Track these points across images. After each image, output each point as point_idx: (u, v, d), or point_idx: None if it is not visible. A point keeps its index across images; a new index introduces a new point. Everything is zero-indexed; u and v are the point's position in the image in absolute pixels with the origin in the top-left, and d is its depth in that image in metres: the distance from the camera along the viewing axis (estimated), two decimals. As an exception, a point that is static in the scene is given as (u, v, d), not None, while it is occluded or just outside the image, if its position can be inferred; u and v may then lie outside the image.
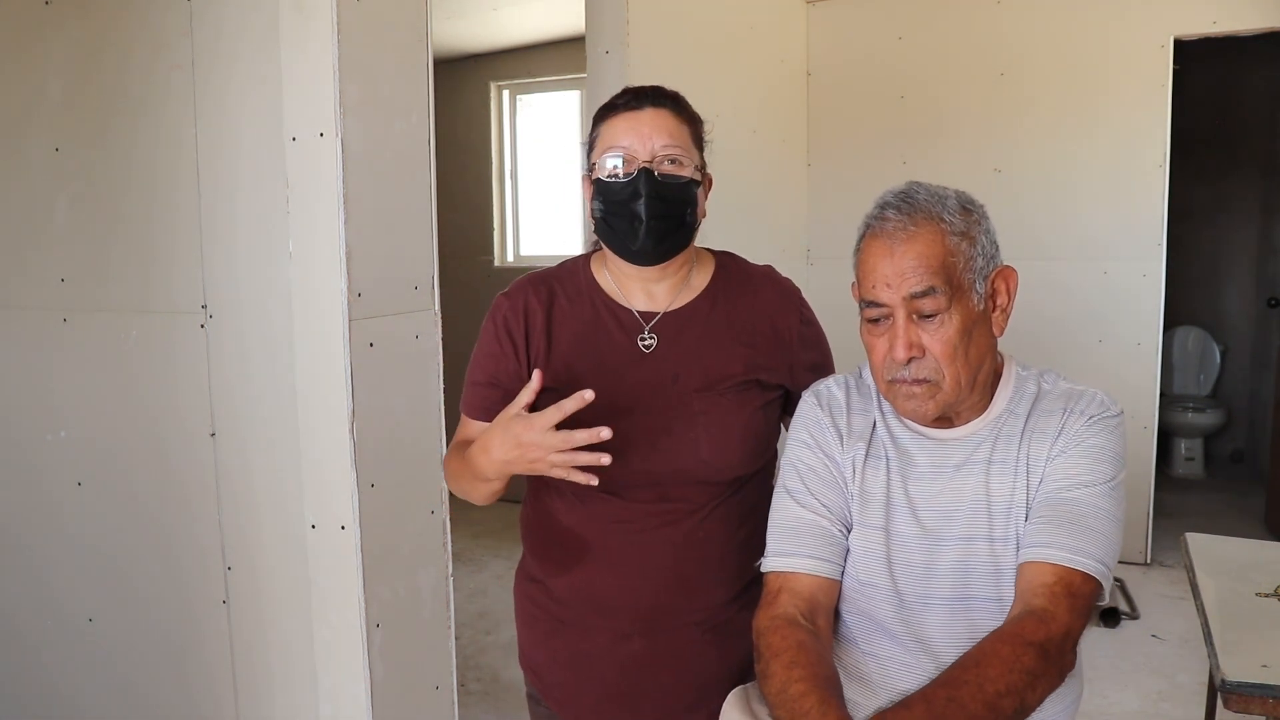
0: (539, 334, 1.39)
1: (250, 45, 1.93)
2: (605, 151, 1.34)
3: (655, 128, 1.32)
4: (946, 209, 1.19)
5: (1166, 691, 3.08)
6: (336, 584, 1.85)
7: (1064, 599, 1.11)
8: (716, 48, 3.68)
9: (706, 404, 1.36)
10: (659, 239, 1.32)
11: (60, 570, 2.31)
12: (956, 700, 1.03)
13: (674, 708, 1.40)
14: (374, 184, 1.83)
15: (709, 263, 1.46)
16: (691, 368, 1.37)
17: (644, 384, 1.36)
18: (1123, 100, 4.04)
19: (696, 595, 1.38)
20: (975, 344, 1.19)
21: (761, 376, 1.40)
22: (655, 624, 1.37)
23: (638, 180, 1.31)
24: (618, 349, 1.38)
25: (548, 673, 1.46)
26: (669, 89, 1.39)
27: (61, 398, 2.27)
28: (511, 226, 5.39)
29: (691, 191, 1.34)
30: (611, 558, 1.37)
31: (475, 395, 1.43)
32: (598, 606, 1.38)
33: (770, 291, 1.46)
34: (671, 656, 1.38)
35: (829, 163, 4.55)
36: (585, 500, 1.37)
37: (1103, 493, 1.17)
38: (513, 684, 3.22)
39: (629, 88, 1.39)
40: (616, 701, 1.40)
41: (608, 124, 1.36)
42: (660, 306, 1.41)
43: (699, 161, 1.37)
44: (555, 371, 1.37)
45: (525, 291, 1.42)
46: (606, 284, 1.42)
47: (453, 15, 4.40)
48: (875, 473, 1.26)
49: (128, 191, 2.13)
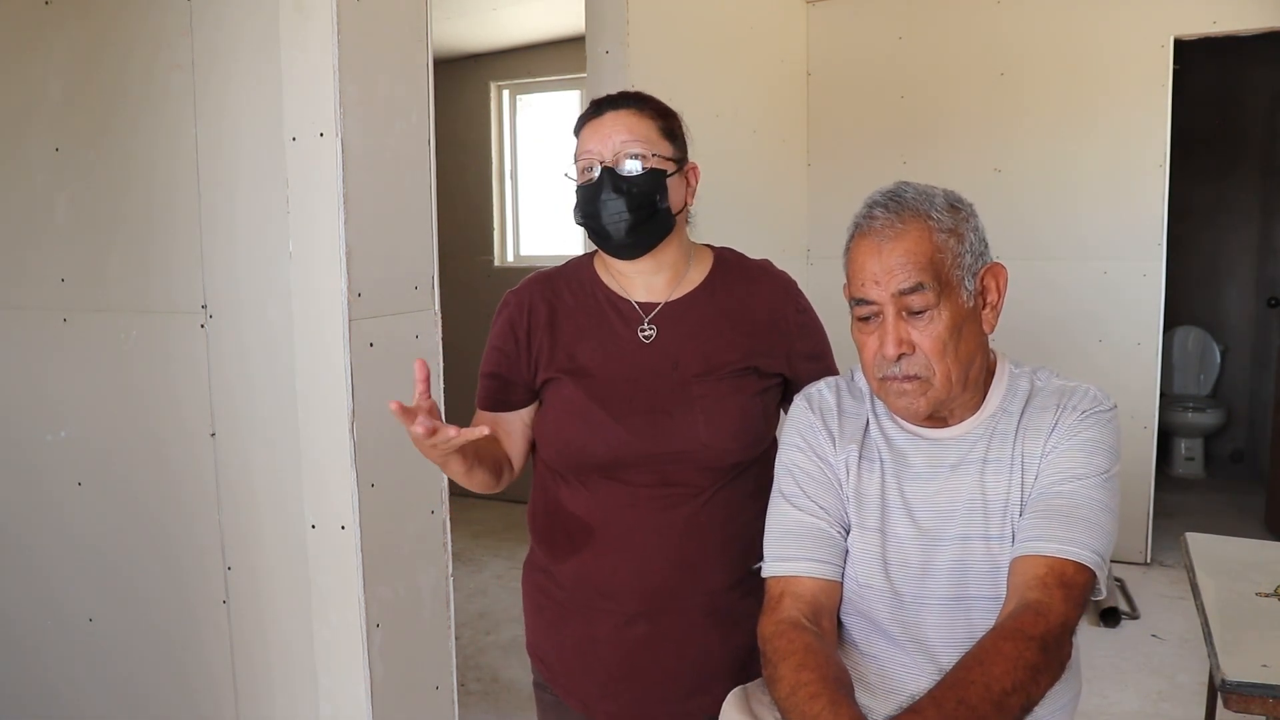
0: (542, 329, 1.46)
1: (250, 45, 1.93)
2: (578, 161, 1.44)
3: (615, 129, 1.40)
4: (934, 207, 1.20)
5: (1166, 691, 3.08)
6: (336, 584, 1.86)
7: (1058, 589, 1.11)
8: (716, 48, 3.68)
9: (705, 389, 1.41)
10: (631, 229, 1.39)
11: (60, 570, 2.31)
12: (965, 702, 1.03)
13: (678, 692, 1.43)
14: (374, 184, 1.83)
15: (707, 257, 1.52)
16: (690, 355, 1.43)
17: (645, 371, 1.42)
18: (1122, 100, 4.04)
19: (699, 579, 1.42)
20: (965, 340, 1.20)
21: (759, 364, 1.45)
22: (658, 608, 1.41)
23: (602, 180, 1.39)
24: (619, 339, 1.44)
25: (554, 660, 1.50)
26: (634, 91, 1.47)
27: (61, 398, 2.27)
28: (511, 226, 5.39)
29: (657, 180, 1.40)
30: (614, 542, 1.41)
31: (481, 387, 1.50)
32: (601, 590, 1.42)
33: (767, 283, 1.51)
34: (675, 642, 1.42)
35: (829, 163, 4.55)
36: (588, 485, 1.42)
37: (1096, 484, 1.17)
38: (513, 684, 3.22)
39: (594, 99, 1.47)
40: (621, 686, 1.44)
41: (579, 136, 1.45)
42: (660, 298, 1.47)
43: (670, 152, 1.43)
44: (559, 361, 1.44)
45: (531, 289, 1.49)
46: (608, 279, 1.49)
47: (453, 15, 4.40)
48: (870, 474, 1.26)
49: (128, 191, 2.13)
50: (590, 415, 1.39)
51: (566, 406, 1.42)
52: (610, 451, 1.39)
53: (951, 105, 4.32)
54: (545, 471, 1.49)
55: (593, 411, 1.39)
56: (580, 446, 1.40)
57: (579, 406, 1.40)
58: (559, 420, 1.43)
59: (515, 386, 1.47)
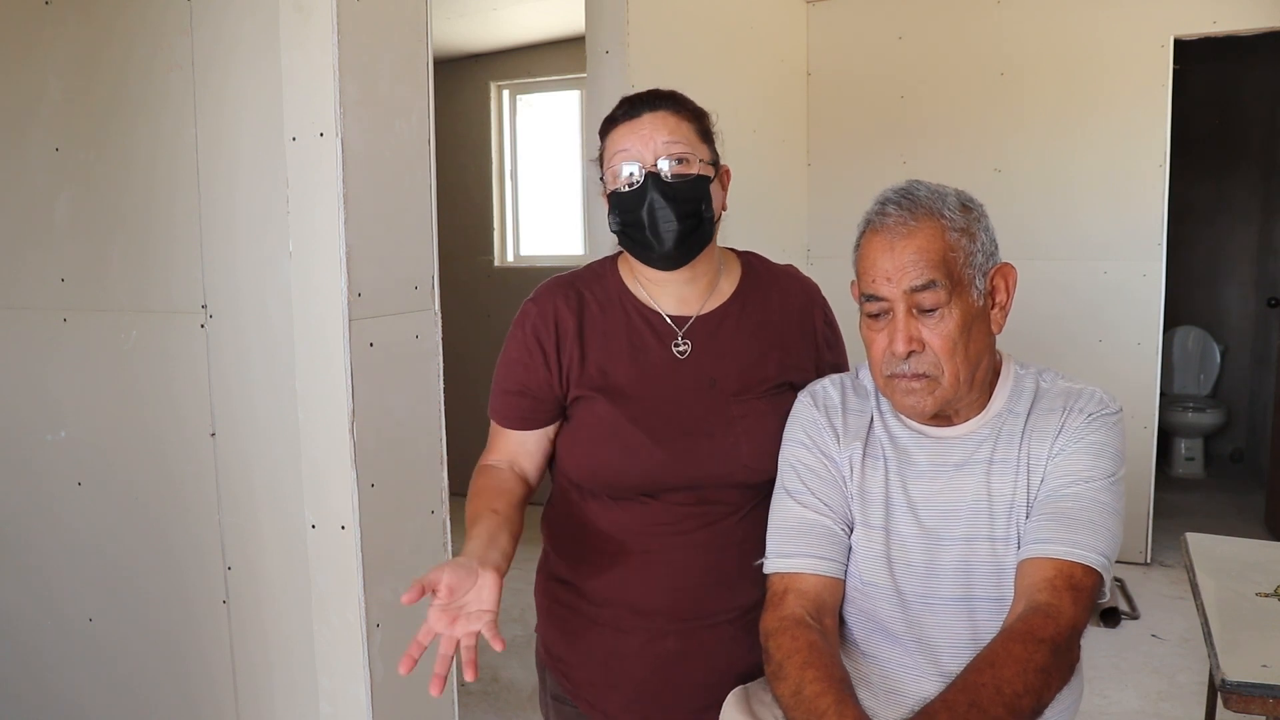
0: (570, 341, 1.37)
1: (250, 45, 1.93)
2: (611, 164, 1.34)
3: (655, 130, 1.32)
4: (947, 205, 1.19)
5: (1166, 691, 3.08)
6: (336, 584, 1.85)
7: (1067, 592, 1.11)
8: (716, 48, 3.68)
9: (744, 408, 1.36)
10: (678, 240, 1.32)
11: (60, 570, 2.31)
12: (978, 705, 1.03)
13: (705, 704, 1.39)
14: (374, 184, 1.83)
15: (735, 264, 1.46)
16: (727, 371, 1.37)
17: (682, 389, 1.36)
18: (1123, 100, 4.04)
19: (733, 595, 1.38)
20: (974, 340, 1.20)
21: (793, 378, 1.41)
22: (691, 624, 1.37)
23: (646, 186, 1.30)
24: (652, 355, 1.38)
25: (577, 672, 1.44)
26: (665, 89, 1.38)
27: (61, 398, 2.27)
28: (511, 226, 5.39)
29: (703, 187, 1.33)
30: (649, 560, 1.36)
31: (506, 404, 1.41)
32: (634, 608, 1.38)
33: (796, 292, 1.46)
34: (705, 654, 1.38)
35: (829, 163, 4.55)
36: (621, 504, 1.37)
37: (1102, 487, 1.17)
38: (513, 684, 3.22)
39: (626, 97, 1.39)
40: (647, 698, 1.39)
41: (610, 137, 1.36)
42: (691, 310, 1.40)
43: (708, 155, 1.36)
44: (591, 377, 1.36)
45: (554, 298, 1.40)
46: (636, 289, 1.41)
47: (453, 15, 4.40)
48: (874, 472, 1.26)
49: (128, 191, 2.13)
50: (627, 437, 1.33)
51: (600, 427, 1.35)
52: (648, 475, 1.33)
53: (951, 105, 4.32)
54: (569, 485, 1.42)
55: (629, 433, 1.32)
56: (617, 470, 1.34)
57: (614, 428, 1.33)
58: (592, 441, 1.36)
59: (545, 404, 1.38)
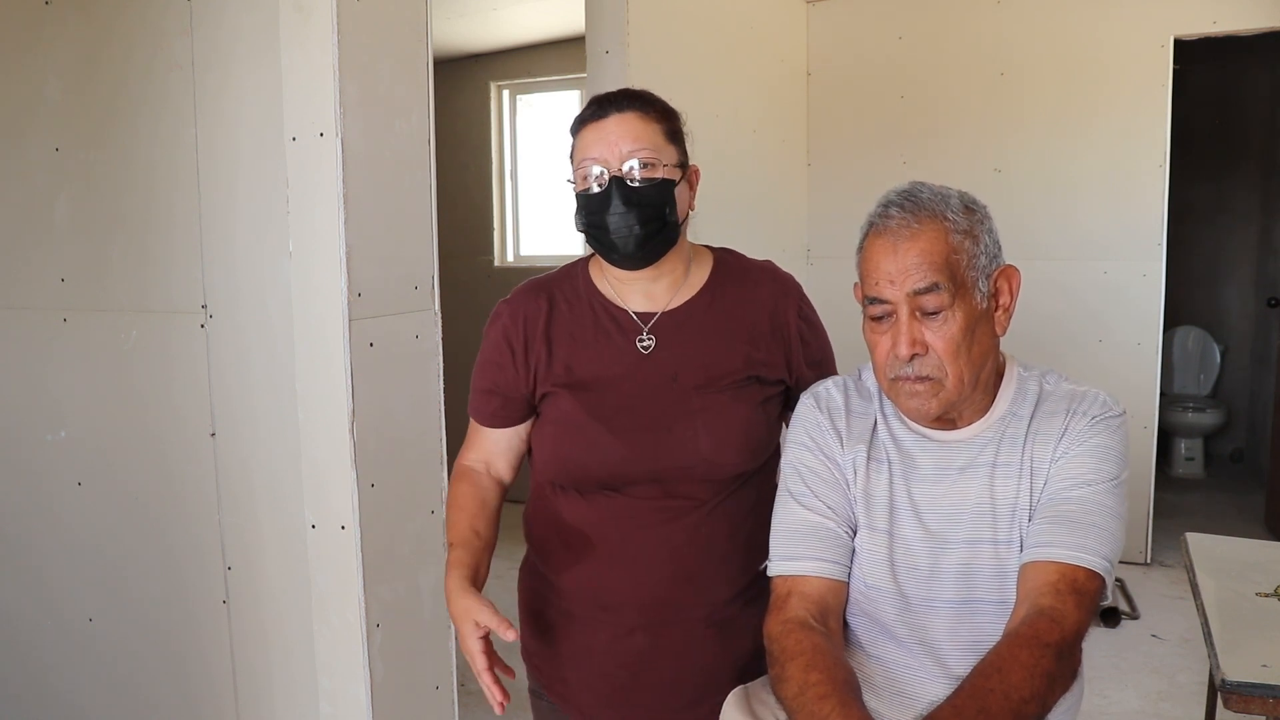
0: (538, 340, 1.41)
1: (250, 45, 1.93)
2: (579, 165, 1.36)
3: (621, 134, 1.33)
4: (950, 207, 1.19)
5: (1166, 691, 3.08)
6: (336, 584, 1.85)
7: (1070, 596, 1.11)
8: (716, 48, 3.68)
9: (706, 401, 1.37)
10: (640, 244, 1.34)
11: (60, 570, 2.31)
12: (986, 710, 1.02)
13: (676, 703, 1.41)
14: (374, 184, 1.83)
15: (707, 260, 1.47)
16: (691, 366, 1.38)
17: (644, 384, 1.38)
18: (1123, 100, 4.04)
19: (700, 591, 1.39)
20: (978, 342, 1.19)
21: (761, 373, 1.41)
22: (659, 619, 1.39)
23: (610, 190, 1.32)
24: (617, 351, 1.39)
25: (551, 667, 1.48)
26: (635, 89, 1.40)
27: (61, 398, 2.27)
28: (511, 226, 5.38)
29: (667, 191, 1.34)
30: (615, 554, 1.38)
31: (480, 402, 1.46)
32: (602, 602, 1.40)
33: (769, 286, 1.46)
34: (674, 652, 1.40)
35: (829, 163, 4.55)
36: (589, 498, 1.39)
37: (1105, 490, 1.17)
38: (512, 684, 3.20)
39: (595, 97, 1.40)
40: (619, 695, 1.42)
41: (579, 137, 1.37)
42: (659, 306, 1.42)
43: (676, 157, 1.37)
44: (557, 374, 1.39)
45: (525, 299, 1.44)
46: (604, 287, 1.44)
47: (453, 15, 4.40)
48: (878, 475, 1.26)
49: (128, 191, 2.13)
50: (589, 431, 1.35)
51: (565, 422, 1.38)
52: (610, 468, 1.35)
53: (951, 105, 4.32)
54: (544, 481, 1.45)
55: (591, 427, 1.35)
56: (580, 463, 1.37)
57: (577, 422, 1.36)
58: (557, 436, 1.39)
59: (516, 402, 1.42)
